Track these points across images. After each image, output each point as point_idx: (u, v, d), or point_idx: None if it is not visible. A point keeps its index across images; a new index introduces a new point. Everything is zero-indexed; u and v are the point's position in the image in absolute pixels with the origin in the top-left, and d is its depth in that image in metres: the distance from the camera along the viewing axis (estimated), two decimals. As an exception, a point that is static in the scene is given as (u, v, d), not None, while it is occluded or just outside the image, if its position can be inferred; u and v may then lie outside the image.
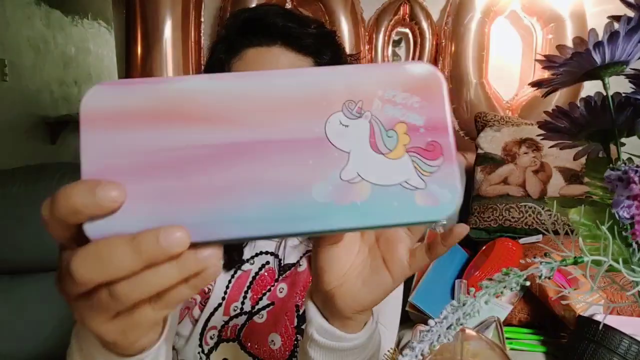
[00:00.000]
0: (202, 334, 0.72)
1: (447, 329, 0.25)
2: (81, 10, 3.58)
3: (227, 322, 0.72)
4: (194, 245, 0.24)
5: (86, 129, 0.25)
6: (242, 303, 0.74)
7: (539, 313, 1.16)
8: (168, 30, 1.62)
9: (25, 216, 1.27)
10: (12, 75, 2.67)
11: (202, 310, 0.74)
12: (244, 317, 0.73)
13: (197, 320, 0.73)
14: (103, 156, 0.25)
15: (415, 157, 0.26)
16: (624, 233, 0.28)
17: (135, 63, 1.63)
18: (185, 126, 0.25)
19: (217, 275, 0.26)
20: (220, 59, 0.73)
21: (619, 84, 0.39)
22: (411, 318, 1.24)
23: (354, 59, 0.84)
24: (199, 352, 0.71)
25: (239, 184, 0.25)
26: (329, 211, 0.25)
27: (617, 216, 0.27)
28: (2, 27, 2.63)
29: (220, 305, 0.74)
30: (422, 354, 0.24)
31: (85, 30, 3.66)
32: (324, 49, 0.74)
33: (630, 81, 0.34)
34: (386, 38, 1.66)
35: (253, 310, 0.74)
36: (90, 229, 0.24)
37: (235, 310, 0.73)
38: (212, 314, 0.73)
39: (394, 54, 1.74)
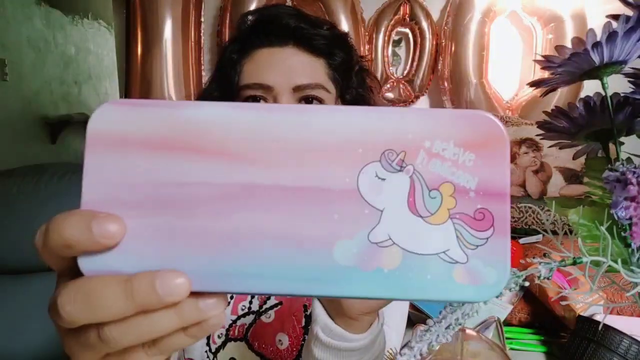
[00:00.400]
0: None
1: (445, 329, 0.25)
2: (81, 10, 3.58)
3: (234, 321, 0.73)
4: (196, 293, 0.22)
5: (91, 152, 0.23)
6: (250, 302, 0.74)
7: (539, 313, 1.16)
8: (168, 30, 1.62)
9: (25, 216, 1.27)
10: (12, 75, 2.67)
11: None
12: (251, 317, 0.73)
13: None
14: (106, 184, 0.23)
15: (460, 225, 0.22)
16: (623, 233, 0.28)
17: (135, 63, 1.63)
18: (198, 160, 0.22)
19: (220, 325, 0.24)
20: (231, 59, 0.73)
21: (618, 84, 0.39)
22: (411, 318, 1.24)
23: (364, 60, 0.84)
24: (206, 351, 0.71)
25: (251, 231, 0.22)
26: (350, 276, 0.22)
27: (615, 217, 0.27)
28: (2, 27, 2.64)
29: (228, 304, 0.74)
30: (420, 354, 0.24)
31: (85, 30, 3.66)
32: (336, 51, 0.74)
33: (629, 80, 0.34)
34: (386, 38, 1.66)
35: (261, 310, 0.74)
36: (84, 262, 0.22)
37: (243, 310, 0.74)
38: None
39: (394, 54, 1.74)
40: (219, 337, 0.72)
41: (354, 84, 0.78)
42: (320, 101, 0.71)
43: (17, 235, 1.27)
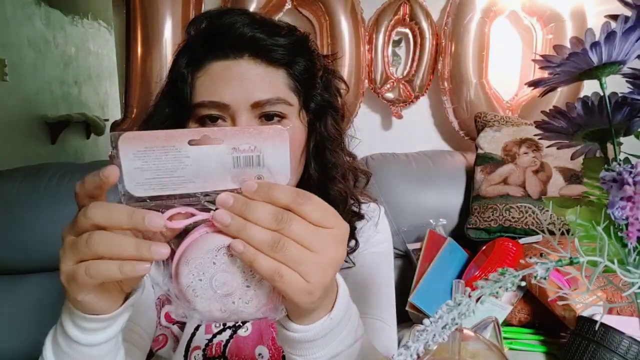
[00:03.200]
0: (186, 356, 0.70)
1: (442, 328, 0.25)
2: (81, 10, 3.58)
3: (210, 340, 0.71)
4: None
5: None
6: None
7: (539, 313, 1.16)
8: (168, 30, 1.62)
9: (25, 216, 1.27)
10: (12, 75, 2.67)
11: (181, 329, 0.72)
12: (228, 332, 0.71)
13: (178, 340, 0.72)
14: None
15: None
16: (619, 233, 0.28)
17: (135, 63, 1.63)
18: None
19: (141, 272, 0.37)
20: (182, 74, 0.67)
21: (616, 84, 0.39)
22: (411, 318, 1.23)
23: (332, 59, 0.78)
24: None
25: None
26: None
27: (612, 217, 0.27)
28: (2, 27, 2.64)
29: (200, 324, 0.71)
30: (417, 354, 0.24)
31: (85, 30, 3.66)
32: (297, 58, 0.68)
33: (627, 81, 0.34)
34: (386, 38, 1.66)
35: (237, 324, 0.72)
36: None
37: (217, 327, 0.72)
38: (193, 335, 0.71)
39: (394, 54, 1.74)
40: (195, 358, 0.70)
41: (319, 89, 0.72)
42: (282, 117, 0.66)
43: (17, 235, 1.27)
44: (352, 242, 0.76)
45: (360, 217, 0.79)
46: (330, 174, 0.73)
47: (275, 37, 0.66)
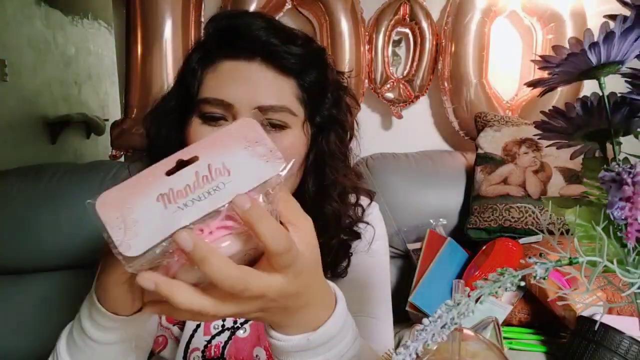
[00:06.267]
0: (185, 357, 0.70)
1: (441, 328, 0.25)
2: (81, 10, 3.58)
3: (209, 342, 0.71)
4: None
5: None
6: (223, 320, 0.72)
7: (539, 313, 1.16)
8: (168, 30, 1.62)
9: (25, 216, 1.27)
10: (12, 75, 2.67)
11: (181, 330, 0.72)
12: (226, 334, 0.71)
13: (178, 341, 0.72)
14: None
15: None
16: (618, 234, 0.28)
17: (135, 63, 1.63)
18: None
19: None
20: (193, 68, 0.67)
21: (615, 83, 0.39)
22: (411, 318, 1.23)
23: (346, 77, 0.77)
24: None
25: None
26: None
27: (611, 217, 0.27)
28: (2, 27, 2.64)
29: (198, 326, 0.71)
30: (416, 353, 0.24)
31: (85, 30, 3.66)
32: (309, 70, 0.67)
33: (626, 80, 0.34)
34: (386, 38, 1.66)
35: (235, 325, 0.72)
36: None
37: (216, 329, 0.72)
38: (191, 336, 0.71)
39: (394, 54, 1.74)
40: (194, 359, 0.70)
41: (328, 104, 0.71)
42: (283, 126, 0.65)
43: (16, 235, 1.27)
44: (345, 262, 0.76)
45: (357, 236, 0.78)
46: (327, 191, 0.72)
47: (289, 44, 0.66)
